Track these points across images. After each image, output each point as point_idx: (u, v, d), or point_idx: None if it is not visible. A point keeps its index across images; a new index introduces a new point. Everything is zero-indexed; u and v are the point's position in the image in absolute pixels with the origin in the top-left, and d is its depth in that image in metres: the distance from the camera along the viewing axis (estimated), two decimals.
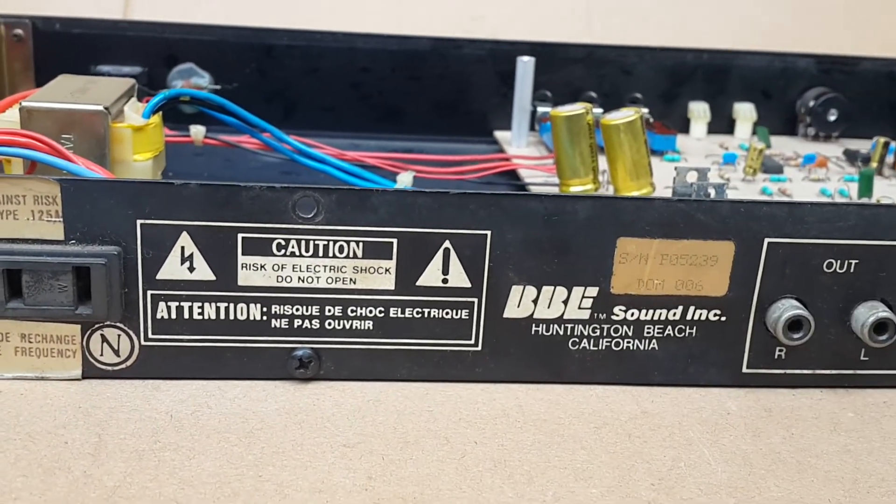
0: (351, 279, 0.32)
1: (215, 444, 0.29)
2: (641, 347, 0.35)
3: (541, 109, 0.62)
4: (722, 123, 0.66)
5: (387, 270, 0.32)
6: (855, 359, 0.35)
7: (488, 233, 0.33)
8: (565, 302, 0.34)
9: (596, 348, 0.34)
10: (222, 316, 0.32)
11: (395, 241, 0.32)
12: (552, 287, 0.33)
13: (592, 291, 0.34)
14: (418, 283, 0.33)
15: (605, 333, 0.34)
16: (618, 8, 0.89)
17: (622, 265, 0.33)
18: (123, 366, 0.32)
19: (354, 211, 0.32)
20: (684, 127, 0.65)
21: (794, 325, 0.34)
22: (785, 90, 0.66)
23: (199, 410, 0.30)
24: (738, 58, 0.66)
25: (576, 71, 0.64)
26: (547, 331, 0.34)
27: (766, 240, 0.34)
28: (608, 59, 0.65)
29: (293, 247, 0.32)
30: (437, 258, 0.33)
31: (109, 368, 0.32)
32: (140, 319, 0.32)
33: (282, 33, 0.60)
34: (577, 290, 0.34)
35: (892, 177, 0.57)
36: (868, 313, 0.34)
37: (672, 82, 0.65)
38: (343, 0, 0.81)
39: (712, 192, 0.37)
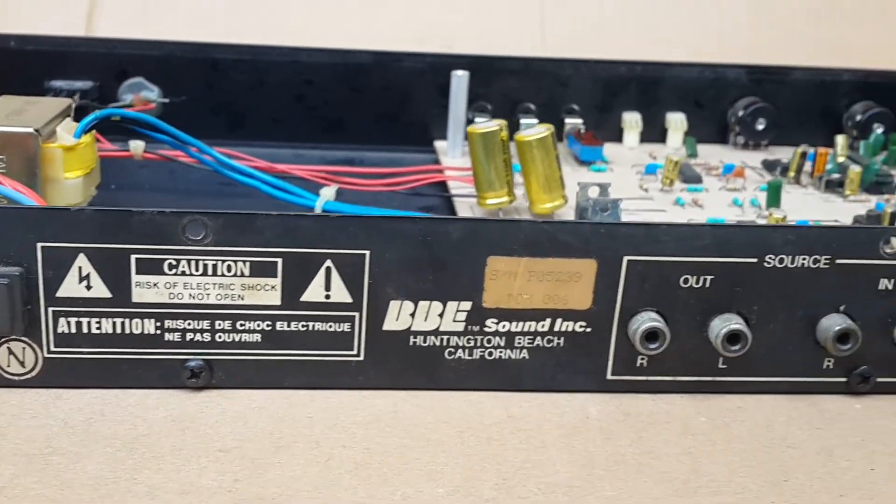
0: (239, 295, 0.35)
1: (101, 449, 0.31)
2: (513, 357, 0.37)
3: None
4: (655, 133, 0.68)
5: (273, 287, 0.35)
6: (713, 366, 0.38)
7: (367, 252, 0.35)
8: (441, 315, 0.36)
9: (470, 357, 0.37)
10: (118, 330, 0.35)
11: (279, 260, 0.35)
12: (428, 302, 0.36)
13: (466, 306, 0.36)
14: (302, 299, 0.36)
15: (478, 344, 0.37)
16: (570, 21, 0.91)
17: (493, 281, 0.36)
18: (28, 376, 0.35)
19: (240, 233, 0.34)
20: (618, 137, 0.68)
21: (651, 336, 0.36)
22: (716, 100, 0.68)
23: (92, 417, 0.33)
24: (670, 69, 0.68)
25: (513, 83, 0.67)
26: (424, 342, 0.37)
27: (626, 258, 0.36)
28: (545, 72, 0.67)
29: (184, 266, 0.34)
30: (320, 276, 0.35)
31: (16, 378, 0.35)
32: (42, 334, 0.35)
33: (227, 48, 0.62)
34: (452, 305, 0.36)
35: (809, 185, 0.60)
36: (722, 325, 0.37)
37: (606, 93, 0.68)
38: (288, 15, 0.84)
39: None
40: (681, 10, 0.88)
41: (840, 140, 0.65)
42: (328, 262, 0.35)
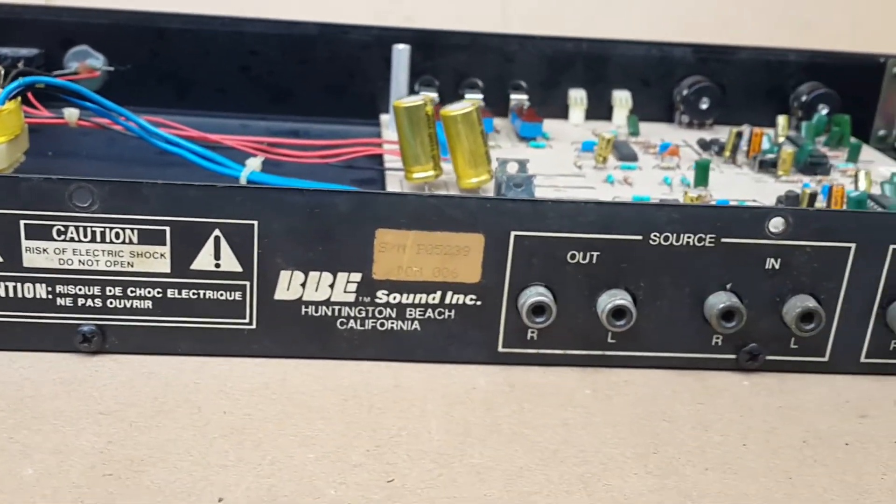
0: (129, 262, 0.36)
1: None
2: (405, 328, 0.38)
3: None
4: (602, 110, 0.68)
5: (162, 255, 0.36)
6: (602, 341, 0.38)
7: (255, 223, 0.36)
8: (331, 286, 0.37)
9: (363, 328, 0.38)
10: (10, 294, 0.36)
11: (167, 228, 0.35)
12: (318, 272, 0.37)
13: (356, 277, 0.37)
14: (192, 267, 0.36)
15: (370, 315, 0.38)
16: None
17: (382, 253, 0.37)
18: None
19: (127, 201, 0.35)
20: (565, 113, 0.68)
21: (538, 309, 0.37)
22: (663, 79, 0.68)
23: None
24: (616, 47, 0.68)
25: (460, 58, 0.67)
26: (316, 312, 0.37)
27: (513, 233, 0.37)
28: (490, 47, 0.67)
29: (72, 233, 0.35)
30: (209, 245, 0.36)
31: None
32: None
33: (172, 17, 0.63)
34: (342, 276, 0.37)
35: (744, 165, 0.60)
36: (608, 300, 0.37)
37: (553, 70, 0.68)
38: None
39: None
40: None
41: (781, 120, 0.66)
42: (216, 232, 0.36)
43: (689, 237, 0.37)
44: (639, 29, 0.84)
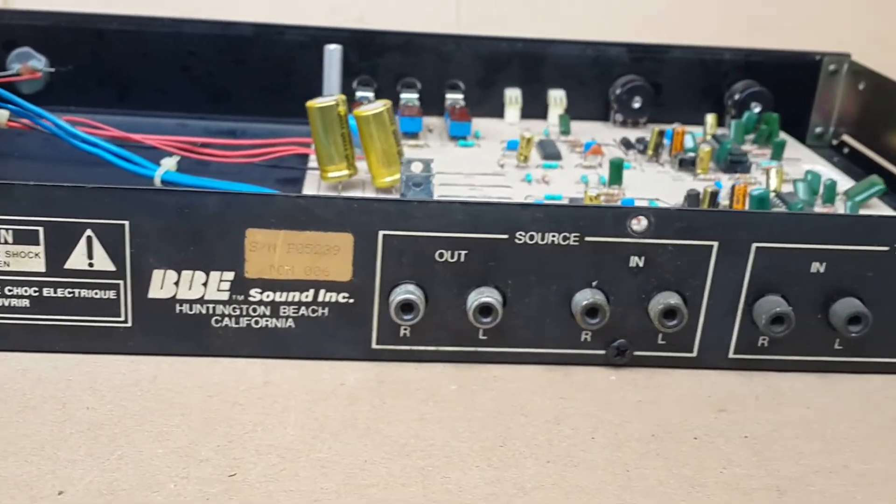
0: (4, 262, 0.37)
1: None
2: (279, 325, 0.39)
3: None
4: (539, 109, 0.69)
5: (36, 255, 0.37)
6: (473, 337, 0.39)
7: (126, 223, 0.37)
8: (205, 285, 0.38)
9: (237, 326, 0.39)
10: None
11: (40, 229, 0.37)
12: (191, 272, 0.38)
13: (229, 276, 0.38)
14: (66, 267, 0.37)
15: (244, 313, 0.39)
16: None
17: (253, 253, 0.38)
18: None
19: (1, 202, 0.36)
20: (503, 112, 0.69)
21: (406, 307, 0.38)
22: (598, 78, 0.69)
23: None
24: (551, 46, 0.69)
25: (396, 58, 0.68)
26: (190, 310, 0.38)
27: (381, 232, 0.38)
28: (426, 47, 0.68)
29: None
30: (82, 244, 0.37)
31: None
32: None
33: (112, 18, 0.64)
34: (215, 275, 0.38)
35: (666, 164, 0.61)
36: (475, 298, 0.38)
37: (489, 69, 0.69)
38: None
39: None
40: None
41: (709, 118, 0.66)
42: (88, 232, 0.37)
43: (553, 236, 0.38)
44: (574, 29, 0.85)
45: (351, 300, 0.38)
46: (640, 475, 0.33)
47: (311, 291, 0.38)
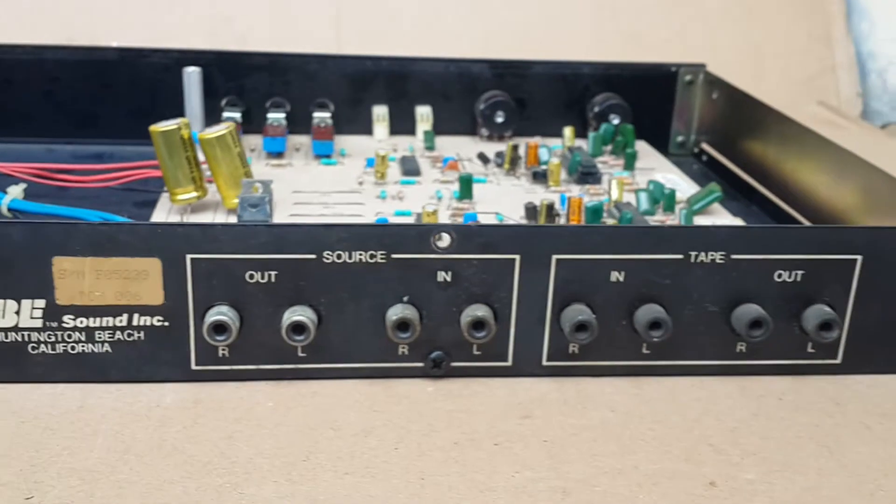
0: None
1: None
2: (96, 350, 0.39)
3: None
4: (408, 125, 0.71)
5: None
6: (292, 354, 0.40)
7: None
8: (17, 313, 0.38)
9: (54, 352, 0.39)
10: None
11: None
12: (3, 300, 0.38)
13: (41, 303, 0.38)
14: None
15: (60, 339, 0.39)
16: (366, 19, 0.93)
17: (62, 280, 0.38)
18: None
19: None
20: (370, 129, 0.70)
21: (219, 328, 0.39)
22: (464, 94, 0.71)
23: None
24: (416, 64, 0.70)
25: (262, 78, 0.69)
26: (6, 338, 0.39)
27: (188, 256, 0.38)
28: (291, 66, 0.69)
29: None
30: None
31: None
32: None
33: None
34: (27, 303, 0.38)
35: (522, 177, 0.63)
36: (288, 316, 0.39)
37: (355, 88, 0.70)
38: (30, 14, 0.85)
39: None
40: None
41: (567, 131, 0.68)
42: None
43: (360, 254, 0.39)
44: (439, 47, 0.87)
45: (166, 323, 0.39)
46: (434, 482, 0.34)
47: (125, 316, 0.39)
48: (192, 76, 0.64)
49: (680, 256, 0.40)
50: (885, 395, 0.41)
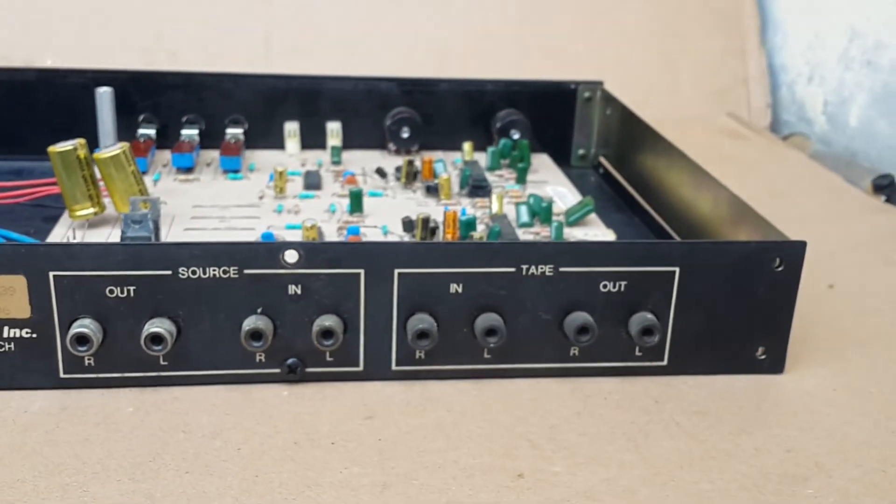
0: None
1: None
2: None
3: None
4: (320, 140, 0.74)
5: None
6: (154, 363, 0.43)
7: None
8: None
9: None
10: None
11: None
12: None
13: None
14: None
15: None
16: (296, 36, 0.96)
17: None
18: None
19: None
20: (283, 144, 0.73)
21: (81, 339, 0.42)
22: (373, 110, 0.74)
23: None
24: (326, 82, 0.74)
25: (177, 95, 0.72)
26: None
27: (51, 273, 0.41)
28: (206, 85, 0.72)
29: None
30: None
31: None
32: None
33: None
34: None
35: (418, 190, 0.66)
36: (147, 328, 0.42)
37: (268, 105, 0.73)
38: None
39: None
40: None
41: (466, 146, 0.72)
42: None
43: (214, 270, 0.42)
44: (363, 62, 0.90)
45: (34, 335, 0.42)
46: (266, 479, 0.37)
47: None
48: (103, 96, 0.67)
49: (513, 270, 0.43)
50: (703, 395, 0.44)
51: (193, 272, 0.42)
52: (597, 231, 0.60)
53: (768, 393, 0.45)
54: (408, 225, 0.56)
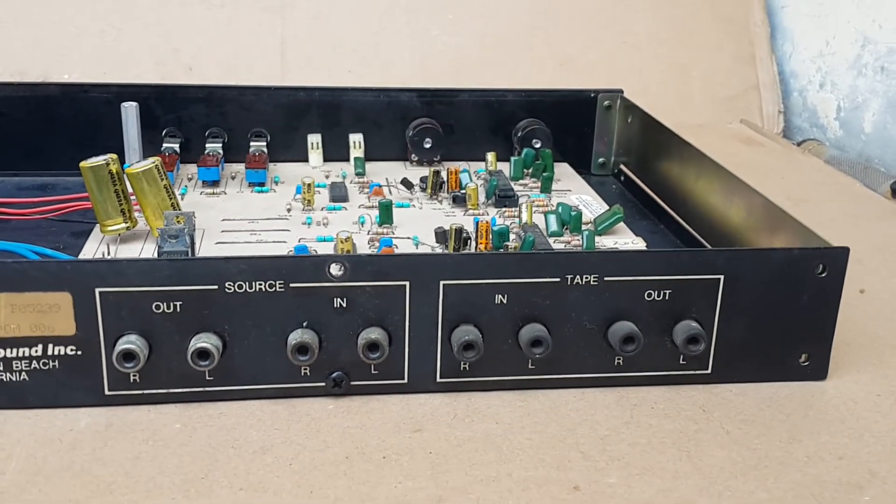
0: None
1: None
2: (14, 379, 0.41)
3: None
4: (343, 151, 0.73)
5: None
6: (200, 378, 0.42)
7: None
8: None
9: None
10: None
11: None
12: None
13: None
14: None
15: None
16: (311, 47, 0.96)
17: None
18: None
19: None
20: (306, 156, 0.73)
21: (127, 356, 0.41)
22: (395, 121, 0.74)
23: None
24: (347, 94, 0.73)
25: (200, 109, 0.71)
26: None
27: (97, 289, 0.41)
28: (228, 98, 0.72)
29: None
30: None
31: None
32: None
33: None
34: None
35: (444, 200, 0.65)
36: (194, 343, 0.41)
37: (290, 117, 0.73)
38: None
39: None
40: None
41: (489, 156, 0.71)
42: None
43: (260, 284, 0.42)
44: (380, 73, 0.89)
45: (79, 352, 0.41)
46: (321, 494, 0.37)
47: (40, 346, 0.41)
48: (129, 110, 0.67)
49: (557, 280, 0.43)
50: (749, 402, 0.44)
51: (240, 286, 0.41)
52: (626, 239, 0.59)
53: (813, 400, 0.44)
54: (440, 236, 0.56)
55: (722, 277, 0.43)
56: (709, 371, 0.45)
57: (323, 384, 0.43)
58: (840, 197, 0.75)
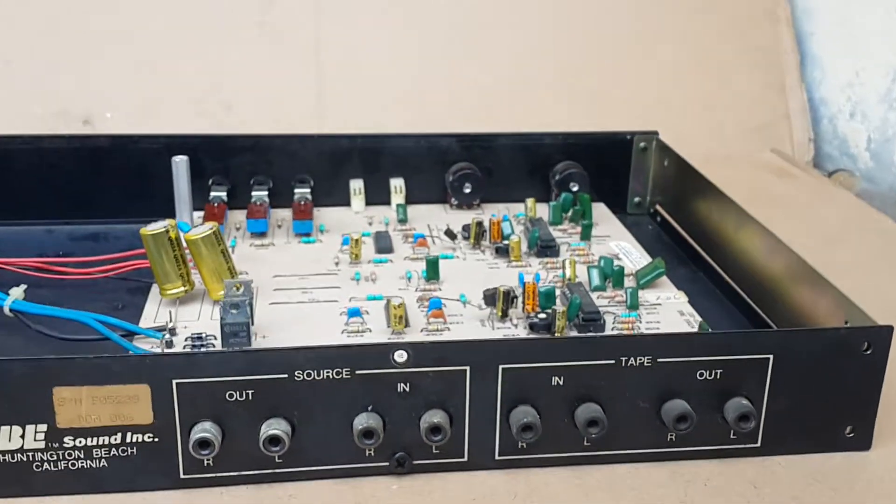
0: None
1: None
2: (93, 466, 0.43)
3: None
4: (384, 195, 0.74)
5: None
6: (270, 461, 0.44)
7: None
8: (22, 437, 0.42)
9: (56, 469, 0.43)
10: None
11: None
12: (8, 426, 0.42)
13: (43, 427, 0.42)
14: None
15: (61, 458, 0.43)
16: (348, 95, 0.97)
17: (62, 407, 0.42)
18: None
19: None
20: (348, 201, 0.74)
21: (203, 444, 0.42)
22: (434, 166, 0.75)
23: None
24: (388, 140, 0.74)
25: (246, 157, 0.73)
26: (13, 459, 0.42)
27: (174, 381, 0.42)
28: (273, 146, 0.73)
29: None
30: None
31: None
32: None
33: None
34: (30, 427, 0.42)
35: (486, 250, 0.66)
36: (265, 429, 0.43)
37: (333, 163, 0.74)
38: (27, 93, 0.89)
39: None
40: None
41: (529, 202, 0.72)
42: None
43: (328, 372, 0.43)
44: (417, 116, 0.90)
45: (156, 439, 0.43)
46: None
47: (119, 435, 0.43)
48: (179, 165, 0.68)
49: (612, 362, 0.44)
50: (797, 476, 0.45)
51: (308, 374, 0.43)
52: (668, 293, 0.60)
53: (860, 472, 0.45)
54: (489, 298, 0.57)
55: (771, 357, 0.44)
56: (758, 444, 0.46)
57: (387, 464, 0.45)
58: (872, 235, 0.76)
